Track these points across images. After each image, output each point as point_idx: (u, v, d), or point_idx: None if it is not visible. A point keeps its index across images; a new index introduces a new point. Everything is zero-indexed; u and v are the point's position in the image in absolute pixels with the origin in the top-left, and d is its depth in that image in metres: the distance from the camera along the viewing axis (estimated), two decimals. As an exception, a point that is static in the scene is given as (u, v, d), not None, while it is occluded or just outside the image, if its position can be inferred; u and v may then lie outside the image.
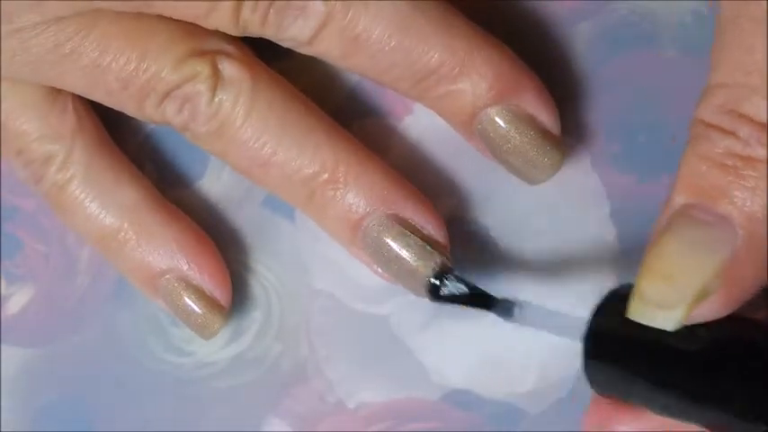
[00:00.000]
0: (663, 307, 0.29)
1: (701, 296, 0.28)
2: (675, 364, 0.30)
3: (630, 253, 0.37)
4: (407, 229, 0.35)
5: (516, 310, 0.34)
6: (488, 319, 0.37)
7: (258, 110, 0.35)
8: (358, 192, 0.35)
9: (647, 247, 0.29)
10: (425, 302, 0.37)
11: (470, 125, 0.35)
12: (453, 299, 0.35)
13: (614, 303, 0.31)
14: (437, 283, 0.34)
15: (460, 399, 0.37)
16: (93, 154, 0.36)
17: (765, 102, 0.28)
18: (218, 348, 0.38)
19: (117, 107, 0.36)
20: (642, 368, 0.31)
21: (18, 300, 0.38)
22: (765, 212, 0.28)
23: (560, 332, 0.33)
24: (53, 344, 0.38)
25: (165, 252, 0.36)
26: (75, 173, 0.36)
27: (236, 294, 0.38)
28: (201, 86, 0.34)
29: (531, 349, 0.37)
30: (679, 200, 0.29)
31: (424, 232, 0.35)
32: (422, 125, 0.37)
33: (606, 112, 0.37)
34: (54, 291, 0.38)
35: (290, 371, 0.38)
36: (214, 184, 0.38)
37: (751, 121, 0.28)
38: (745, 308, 0.29)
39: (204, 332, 0.37)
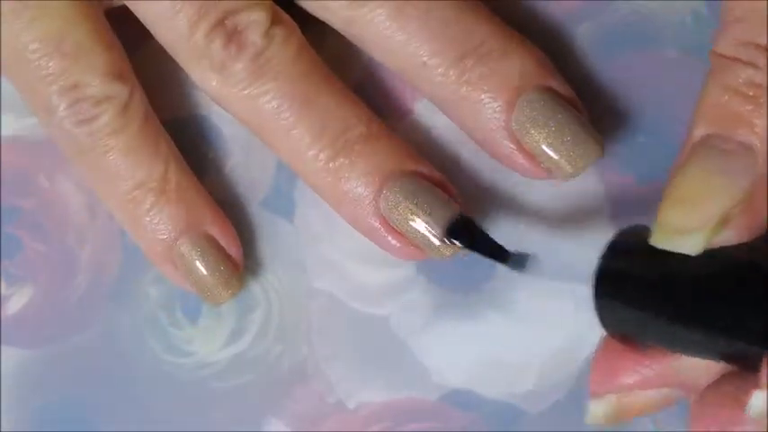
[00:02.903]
0: (684, 231, 0.29)
1: (722, 222, 0.29)
2: (689, 293, 0.30)
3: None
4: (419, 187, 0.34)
5: (529, 262, 0.34)
6: (488, 319, 0.37)
7: (307, 53, 0.34)
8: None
9: (668, 180, 0.30)
10: (425, 303, 0.37)
11: (513, 104, 0.34)
12: (469, 243, 0.34)
13: (623, 242, 0.32)
14: (455, 225, 0.34)
15: (460, 399, 0.37)
16: (149, 106, 0.36)
17: None
18: (218, 348, 0.38)
19: (168, 30, 0.34)
20: (654, 301, 0.30)
21: (18, 300, 0.38)
22: None
23: (569, 279, 0.33)
24: (53, 344, 0.38)
25: (192, 209, 0.36)
26: (131, 120, 0.35)
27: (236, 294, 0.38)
28: (260, 15, 0.33)
29: (531, 349, 0.37)
30: (699, 132, 0.29)
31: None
32: (423, 125, 0.37)
33: (606, 112, 0.37)
34: (54, 291, 0.38)
35: (290, 371, 0.38)
36: (214, 184, 0.38)
37: None
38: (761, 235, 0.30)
39: (219, 295, 0.36)
